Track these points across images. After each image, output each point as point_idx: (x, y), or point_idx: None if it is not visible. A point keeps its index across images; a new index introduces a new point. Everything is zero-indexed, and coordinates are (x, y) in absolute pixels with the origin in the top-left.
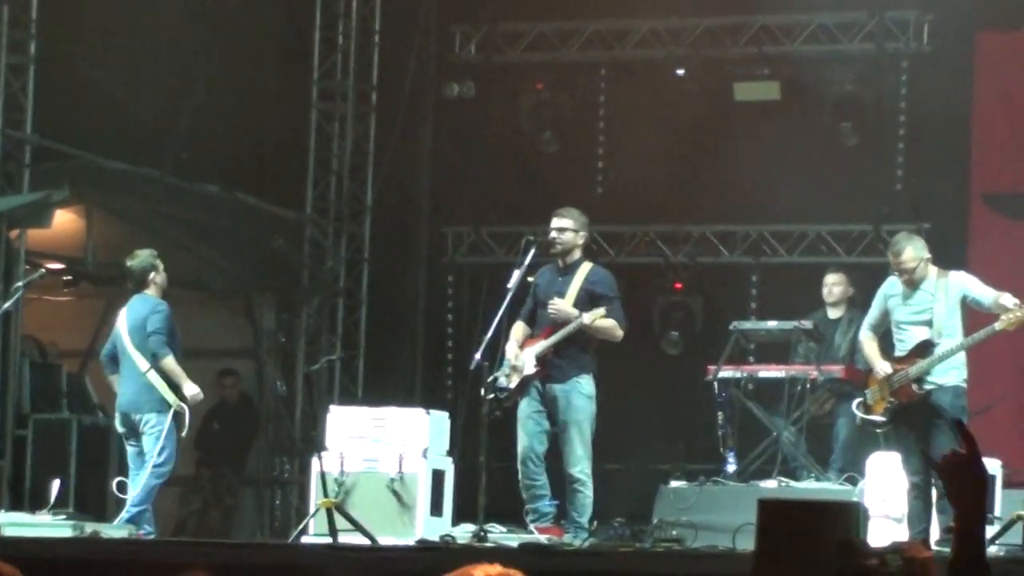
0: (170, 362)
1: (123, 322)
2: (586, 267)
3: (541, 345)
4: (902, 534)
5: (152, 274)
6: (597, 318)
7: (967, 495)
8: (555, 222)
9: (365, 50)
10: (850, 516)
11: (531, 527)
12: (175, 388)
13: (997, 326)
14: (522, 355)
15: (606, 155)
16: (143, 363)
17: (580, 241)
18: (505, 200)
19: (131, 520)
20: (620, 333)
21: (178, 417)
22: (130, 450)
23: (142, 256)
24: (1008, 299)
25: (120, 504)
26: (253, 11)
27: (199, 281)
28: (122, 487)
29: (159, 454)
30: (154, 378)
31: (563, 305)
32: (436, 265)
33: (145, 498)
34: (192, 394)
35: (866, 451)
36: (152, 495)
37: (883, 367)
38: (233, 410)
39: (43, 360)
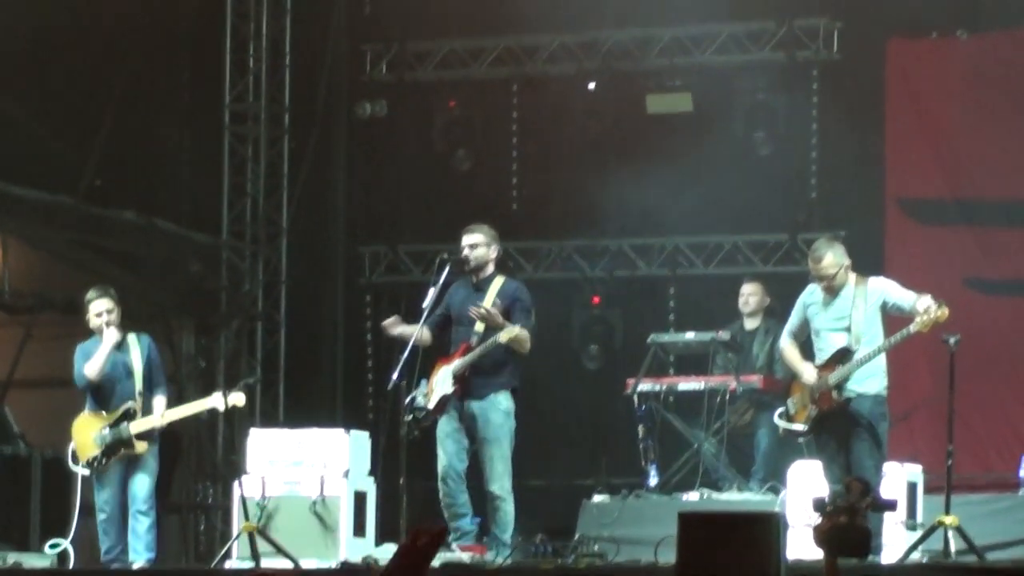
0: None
1: None
2: (499, 281)
3: (458, 363)
4: None
5: (87, 315)
6: (513, 335)
7: None
8: (466, 239)
9: (276, 72)
10: (769, 526)
11: (453, 546)
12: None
13: (912, 328)
14: (439, 375)
15: (520, 171)
16: None
17: (492, 255)
18: (420, 219)
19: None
20: (528, 346)
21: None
22: None
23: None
24: (924, 301)
25: (43, 535)
26: (162, 35)
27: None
28: None
29: None
30: None
31: (489, 312)
32: (353, 285)
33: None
34: None
35: (788, 460)
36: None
37: (808, 370)
38: None
39: None
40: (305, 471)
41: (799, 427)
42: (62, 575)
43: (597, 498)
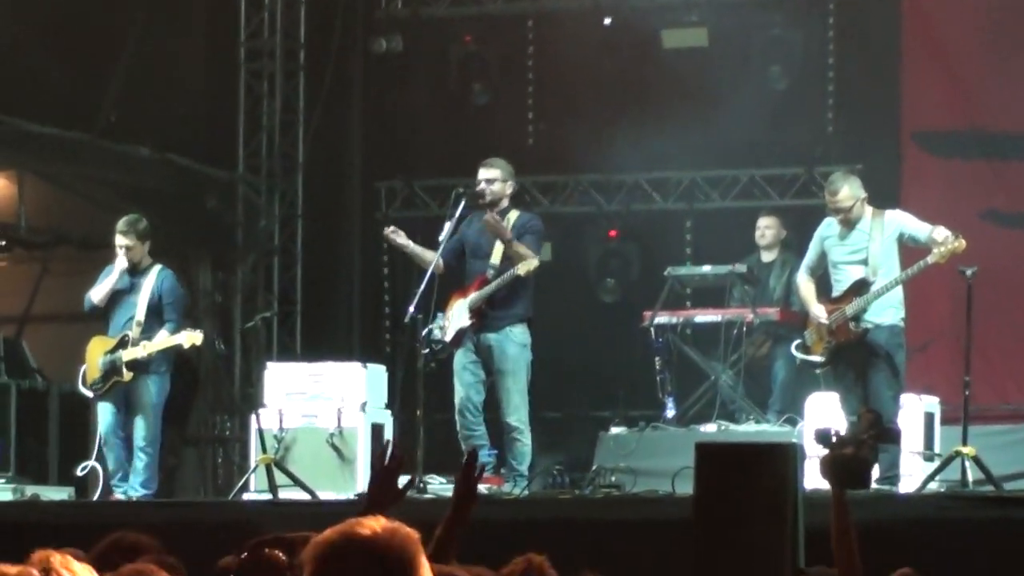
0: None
1: None
2: (513, 215)
3: (474, 296)
4: None
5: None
6: (530, 269)
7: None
8: (482, 173)
9: (292, 8)
10: (786, 457)
11: None
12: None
13: (929, 259)
14: (455, 308)
15: (536, 106)
16: None
17: (508, 190)
18: (437, 154)
19: None
20: (533, 262)
21: None
22: None
23: None
24: (941, 232)
25: (61, 468)
26: None
27: None
28: None
29: None
30: None
31: (498, 223)
32: (370, 220)
33: None
34: None
35: (805, 392)
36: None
37: (818, 311)
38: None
39: None
40: (322, 404)
41: (816, 358)
42: (79, 507)
43: (614, 430)
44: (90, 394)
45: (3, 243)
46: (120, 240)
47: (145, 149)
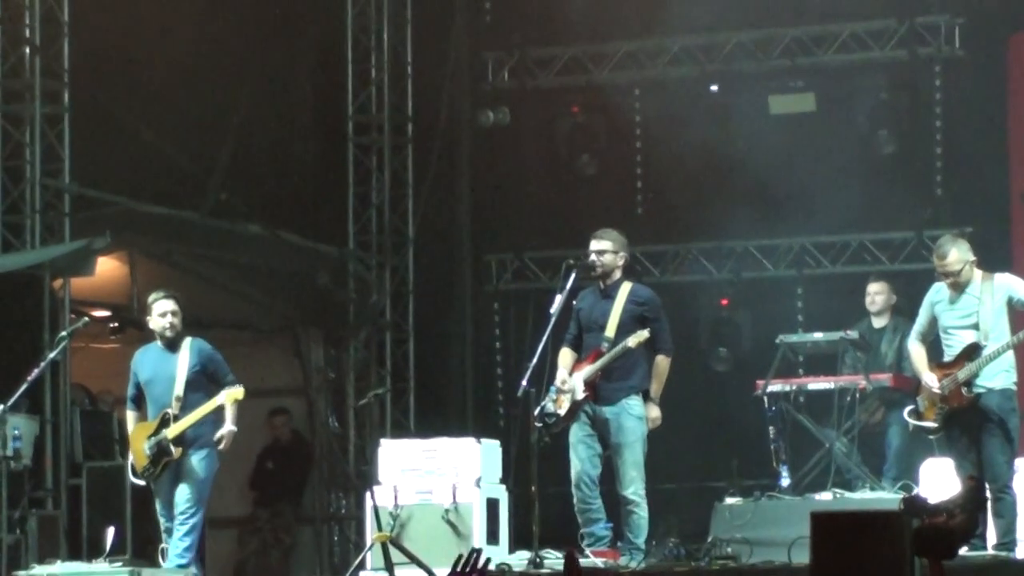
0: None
1: None
2: (627, 287)
3: (588, 369)
4: None
5: (149, 316)
6: (641, 340)
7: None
8: (594, 244)
9: (398, 82)
10: (902, 525)
11: (587, 551)
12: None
13: None
14: (571, 380)
15: (644, 175)
16: None
17: (620, 262)
18: (546, 225)
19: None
20: (668, 361)
21: None
22: None
23: None
24: None
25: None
26: (285, 49)
27: (245, 321)
28: None
29: None
30: None
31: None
32: (481, 293)
33: None
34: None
35: (920, 458)
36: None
37: (929, 378)
38: (286, 449)
39: (93, 408)
40: (437, 480)
41: (930, 424)
42: None
43: (729, 500)
44: (142, 483)
45: (116, 324)
46: (167, 306)
47: (255, 227)
